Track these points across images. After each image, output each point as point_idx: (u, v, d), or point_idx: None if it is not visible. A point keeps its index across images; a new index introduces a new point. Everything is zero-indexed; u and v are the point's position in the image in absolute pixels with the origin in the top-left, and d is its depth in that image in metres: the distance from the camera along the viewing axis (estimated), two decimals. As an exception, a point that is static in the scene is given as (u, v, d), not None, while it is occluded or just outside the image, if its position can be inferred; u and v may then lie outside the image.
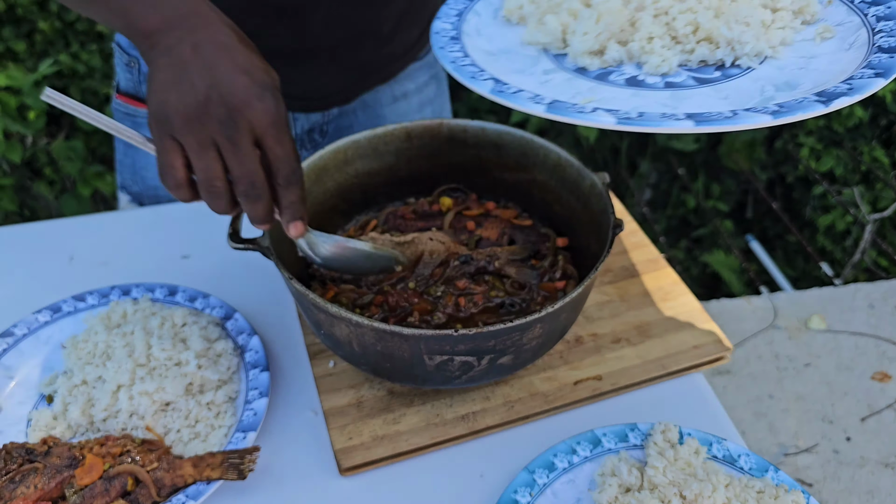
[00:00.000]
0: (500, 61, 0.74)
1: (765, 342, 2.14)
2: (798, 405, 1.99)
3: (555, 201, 0.96)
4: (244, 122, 0.62)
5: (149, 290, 0.99)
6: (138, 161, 1.22)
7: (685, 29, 0.69)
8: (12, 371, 0.91)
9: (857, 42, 0.70)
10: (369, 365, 0.79)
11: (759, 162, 3.04)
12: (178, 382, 0.85)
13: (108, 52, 2.64)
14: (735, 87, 0.66)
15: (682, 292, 0.99)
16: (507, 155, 0.97)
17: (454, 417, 0.85)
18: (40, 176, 2.67)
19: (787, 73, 0.68)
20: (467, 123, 0.97)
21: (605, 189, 0.86)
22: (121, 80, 1.19)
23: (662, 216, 3.17)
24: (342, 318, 0.73)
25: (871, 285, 2.29)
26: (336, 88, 1.16)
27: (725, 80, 0.68)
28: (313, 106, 1.17)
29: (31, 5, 2.48)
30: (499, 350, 0.75)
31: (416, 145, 0.98)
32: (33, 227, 1.14)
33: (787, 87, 0.66)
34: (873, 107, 2.80)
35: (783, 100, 0.63)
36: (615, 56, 0.71)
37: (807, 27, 0.73)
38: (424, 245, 0.91)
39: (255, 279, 1.03)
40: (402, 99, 1.27)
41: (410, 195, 1.03)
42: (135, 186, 1.25)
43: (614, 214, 0.82)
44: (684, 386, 0.91)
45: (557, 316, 0.76)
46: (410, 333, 0.71)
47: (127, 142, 1.19)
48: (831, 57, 0.69)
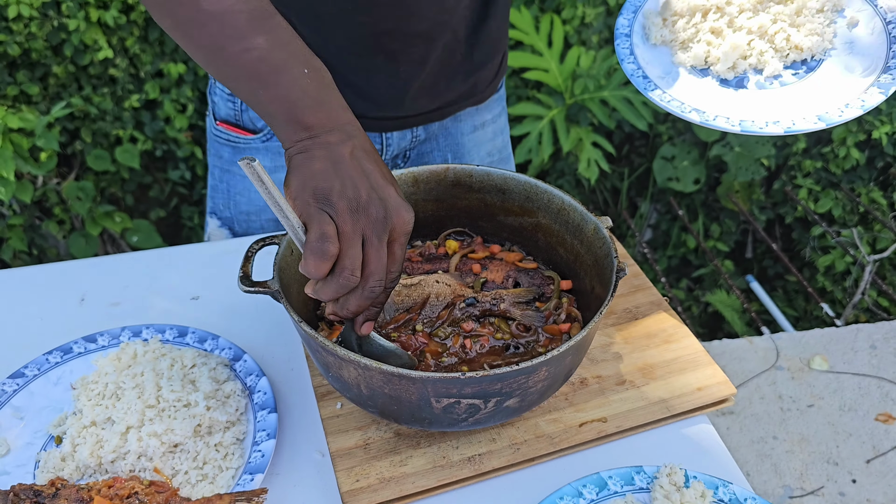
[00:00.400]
0: (672, 84, 1.01)
1: (767, 382, 2.14)
2: (802, 446, 1.98)
3: (559, 245, 0.98)
4: (391, 225, 0.71)
5: (159, 331, 1.00)
6: (233, 187, 1.27)
7: (782, 43, 1.00)
8: (21, 412, 0.92)
9: (876, 28, 0.99)
10: (377, 407, 0.80)
11: (758, 203, 3.08)
12: (187, 424, 0.86)
13: (120, 96, 2.69)
14: (821, 79, 0.97)
15: (684, 334, 1.00)
16: (512, 199, 0.99)
17: (460, 459, 0.86)
18: (50, 215, 2.70)
19: (844, 59, 0.98)
20: (473, 168, 0.99)
21: (609, 233, 0.88)
22: (219, 109, 1.25)
23: (663, 256, 3.19)
24: (350, 360, 0.74)
25: (872, 326, 2.30)
26: (428, 93, 1.19)
27: (810, 72, 0.99)
28: (409, 121, 1.20)
29: (46, 50, 2.54)
30: (505, 393, 0.76)
31: (423, 189, 1.01)
32: (45, 268, 1.16)
33: (849, 70, 0.97)
34: (870, 149, 2.84)
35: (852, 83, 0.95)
36: (742, 67, 1.01)
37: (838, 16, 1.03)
38: (431, 287, 0.93)
39: (264, 321, 1.04)
40: (481, 128, 1.32)
41: (417, 238, 1.05)
42: (227, 211, 1.30)
43: (618, 259, 0.84)
44: (689, 428, 0.92)
45: (563, 359, 0.77)
46: (418, 376, 0.72)
47: (223, 167, 1.26)
48: (865, 41, 0.99)
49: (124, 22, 2.58)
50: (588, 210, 0.92)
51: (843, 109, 0.92)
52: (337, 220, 0.69)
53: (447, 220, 1.04)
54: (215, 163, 1.29)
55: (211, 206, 1.33)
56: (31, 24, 2.47)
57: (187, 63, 2.71)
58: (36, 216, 2.66)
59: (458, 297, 0.93)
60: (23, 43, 2.49)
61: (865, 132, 2.75)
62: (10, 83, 2.54)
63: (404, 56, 1.10)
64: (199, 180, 2.95)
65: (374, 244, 0.70)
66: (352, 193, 0.69)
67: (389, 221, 0.71)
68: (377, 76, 1.12)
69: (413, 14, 1.06)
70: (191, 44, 0.77)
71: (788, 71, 0.99)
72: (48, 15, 2.49)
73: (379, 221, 0.70)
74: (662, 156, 3.00)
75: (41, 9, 2.47)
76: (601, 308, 0.79)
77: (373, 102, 1.15)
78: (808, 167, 2.89)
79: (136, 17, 2.61)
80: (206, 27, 0.73)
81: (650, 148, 3.20)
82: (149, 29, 2.67)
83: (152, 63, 2.69)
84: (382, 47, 1.09)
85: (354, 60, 1.10)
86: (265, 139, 1.22)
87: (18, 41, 2.48)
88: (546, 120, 2.71)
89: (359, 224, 0.69)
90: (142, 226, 2.70)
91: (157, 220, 2.96)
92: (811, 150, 2.92)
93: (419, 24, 1.08)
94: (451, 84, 1.21)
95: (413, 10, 1.06)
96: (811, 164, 2.89)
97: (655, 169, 3.00)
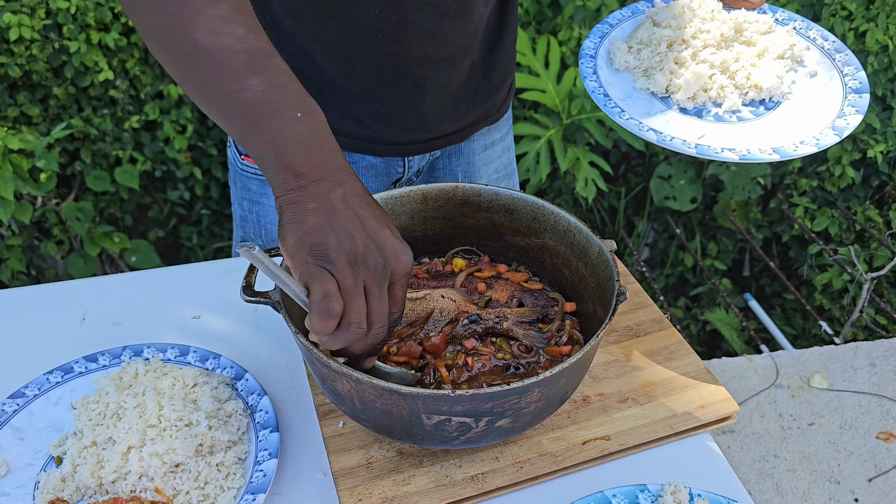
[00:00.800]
0: (633, 106, 1.03)
1: (768, 401, 2.14)
2: (804, 465, 1.98)
3: (564, 266, 0.98)
4: (390, 271, 0.71)
5: (160, 350, 1.00)
6: (264, 217, 1.27)
7: (742, 80, 1.04)
8: (22, 432, 0.92)
9: (833, 79, 1.05)
10: (370, 421, 0.81)
11: (754, 221, 3.09)
12: (189, 443, 0.85)
13: (120, 117, 2.71)
14: (778, 118, 1.02)
15: (686, 352, 1.00)
16: (519, 220, 1.00)
17: (463, 478, 0.85)
18: (48, 236, 2.70)
19: (801, 104, 1.03)
20: (481, 188, 1.00)
21: (612, 256, 0.88)
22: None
23: (661, 275, 3.20)
24: (343, 374, 0.74)
25: (871, 344, 2.30)
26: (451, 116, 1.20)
27: (768, 111, 1.03)
28: (431, 144, 1.21)
29: (47, 72, 2.56)
30: (497, 413, 0.76)
31: (432, 207, 1.01)
32: (46, 287, 1.16)
33: (805, 115, 1.00)
34: (865, 167, 2.86)
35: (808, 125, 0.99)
36: (702, 99, 1.04)
37: (798, 65, 1.08)
38: (436, 302, 0.93)
39: (265, 340, 1.04)
40: (491, 147, 1.33)
41: (425, 255, 1.05)
42: (258, 240, 1.30)
43: (619, 282, 0.84)
44: (692, 446, 0.91)
45: (556, 381, 0.77)
46: (408, 392, 0.72)
47: (251, 199, 1.26)
48: (822, 90, 1.05)
49: (125, 44, 2.60)
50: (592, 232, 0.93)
51: (798, 145, 0.96)
52: (338, 276, 0.69)
53: (455, 238, 1.04)
54: (243, 195, 1.28)
55: (241, 235, 1.33)
56: (32, 47, 2.49)
57: (187, 84, 2.72)
58: (34, 237, 2.66)
59: (462, 313, 0.93)
60: (24, 65, 2.50)
61: (860, 151, 2.77)
62: (10, 104, 2.55)
63: (430, 82, 1.12)
64: (197, 201, 2.96)
65: (376, 294, 0.71)
66: (349, 246, 0.69)
67: (389, 268, 0.71)
68: (402, 102, 1.13)
69: (439, 41, 1.08)
70: (185, 79, 0.76)
71: (747, 108, 1.03)
72: (49, 37, 2.51)
73: (378, 271, 0.70)
74: (659, 175, 3.02)
75: (43, 31, 2.50)
76: (598, 331, 0.79)
77: (398, 127, 1.16)
78: (804, 186, 2.91)
79: (136, 40, 2.63)
80: (200, 63, 0.72)
81: (647, 167, 3.22)
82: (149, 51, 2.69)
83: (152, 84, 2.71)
84: (410, 74, 1.10)
85: (381, 88, 1.11)
86: None
87: (20, 63, 2.49)
88: (544, 140, 2.73)
89: (360, 277, 0.70)
90: (140, 246, 2.70)
91: (155, 240, 2.97)
92: (807, 169, 2.94)
93: (444, 50, 1.10)
94: (473, 106, 1.23)
95: (440, 37, 1.07)
96: (807, 182, 2.91)
97: (652, 188, 3.02)
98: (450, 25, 1.07)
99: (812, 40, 1.11)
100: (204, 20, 0.70)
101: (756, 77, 1.03)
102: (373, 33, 1.04)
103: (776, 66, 1.05)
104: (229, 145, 1.30)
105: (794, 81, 1.06)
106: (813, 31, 1.12)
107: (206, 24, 0.70)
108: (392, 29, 1.04)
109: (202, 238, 2.99)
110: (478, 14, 1.10)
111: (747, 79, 1.04)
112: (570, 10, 2.78)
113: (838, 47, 1.09)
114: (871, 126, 2.70)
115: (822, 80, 1.06)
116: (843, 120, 0.99)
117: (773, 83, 1.03)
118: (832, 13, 2.65)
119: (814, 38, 1.12)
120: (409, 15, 1.03)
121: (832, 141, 0.95)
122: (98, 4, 2.54)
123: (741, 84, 1.04)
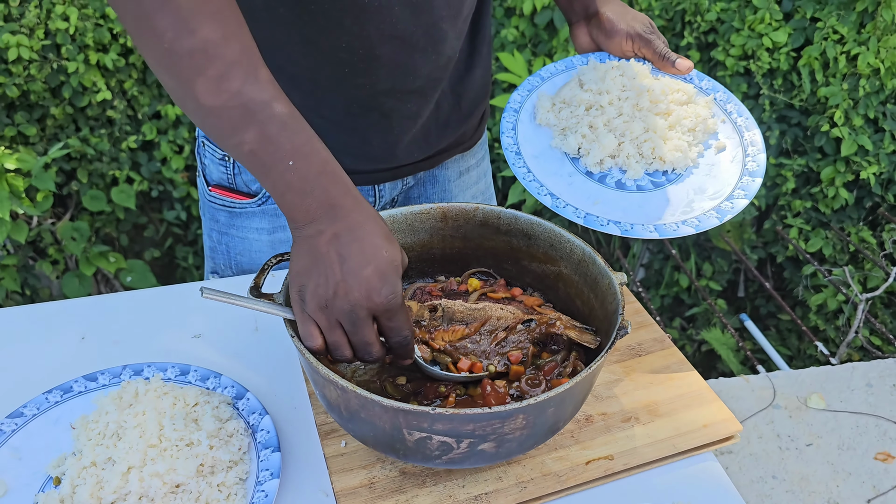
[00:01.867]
0: (542, 164, 1.08)
1: (765, 421, 2.14)
2: (802, 486, 1.97)
3: (577, 296, 0.98)
4: (362, 311, 0.76)
5: (161, 369, 0.99)
6: (233, 248, 1.27)
7: (648, 152, 1.08)
8: (20, 452, 0.90)
9: (736, 157, 1.09)
10: (357, 432, 0.81)
11: (749, 242, 3.11)
12: (190, 463, 0.84)
13: (117, 137, 2.71)
14: (673, 192, 1.06)
15: (688, 371, 1.01)
16: (537, 245, 1.00)
17: (466, 498, 0.85)
18: (43, 255, 2.69)
19: (700, 179, 1.08)
20: (501, 211, 1.00)
21: (621, 289, 0.88)
22: (212, 173, 1.23)
23: (656, 295, 3.21)
24: (330, 381, 0.75)
25: (867, 364, 2.31)
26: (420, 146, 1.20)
27: (668, 183, 1.07)
28: (400, 171, 1.21)
29: (45, 92, 2.57)
30: (478, 436, 0.75)
31: (451, 226, 1.01)
32: (45, 306, 1.15)
33: (700, 191, 1.06)
34: (858, 189, 2.89)
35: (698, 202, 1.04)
36: (608, 165, 1.09)
37: (710, 137, 1.13)
38: (493, 311, 0.93)
39: (266, 360, 1.04)
40: (466, 173, 1.34)
41: (441, 273, 1.05)
42: (228, 271, 1.30)
43: (623, 316, 0.84)
44: (695, 465, 0.91)
45: (543, 409, 0.76)
46: (388, 405, 0.73)
47: (220, 230, 1.27)
48: (724, 167, 1.09)
49: (123, 65, 2.62)
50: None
51: (679, 225, 1.01)
52: (313, 317, 0.77)
53: (473, 259, 1.05)
54: (212, 226, 1.28)
55: (212, 266, 1.32)
56: (30, 67, 2.50)
57: (185, 105, 2.74)
58: (29, 256, 2.65)
59: (518, 319, 0.93)
60: (22, 85, 2.51)
61: (853, 173, 2.80)
62: (8, 124, 2.55)
63: (398, 113, 1.12)
64: (193, 220, 2.95)
65: (350, 329, 0.77)
66: (322, 291, 0.75)
67: (358, 309, 0.75)
68: (370, 132, 1.13)
69: (409, 73, 1.08)
70: (203, 131, 0.82)
71: (649, 177, 1.08)
72: (48, 57, 2.53)
73: (345, 313, 0.76)
74: (654, 196, 3.03)
75: (41, 51, 2.51)
76: (591, 364, 0.79)
77: (366, 158, 1.16)
78: (798, 207, 2.94)
79: (134, 60, 2.64)
80: (206, 120, 0.77)
81: (642, 188, 3.24)
82: (147, 72, 2.71)
83: (150, 105, 2.72)
84: (378, 106, 1.10)
85: (349, 120, 1.11)
86: (261, 202, 1.21)
87: (17, 83, 2.50)
88: (540, 161, 2.74)
89: (332, 317, 0.76)
90: (136, 266, 2.70)
91: (151, 260, 2.96)
92: (800, 191, 2.97)
93: (414, 83, 1.10)
94: (443, 134, 1.23)
95: (409, 69, 1.07)
96: (801, 203, 2.93)
97: (648, 209, 3.03)
98: (420, 59, 1.07)
99: (728, 113, 1.15)
100: (203, 81, 0.74)
101: (660, 151, 1.07)
102: (340, 66, 1.04)
103: (683, 139, 1.09)
104: (198, 174, 1.29)
105: (702, 154, 1.10)
106: (731, 104, 1.16)
107: (204, 84, 0.74)
108: (360, 62, 1.04)
109: (197, 258, 2.98)
110: (449, 47, 1.10)
111: (652, 151, 1.08)
112: (566, 33, 2.82)
113: (749, 125, 1.13)
114: (864, 148, 2.74)
115: (727, 156, 1.10)
116: (729, 203, 1.03)
117: (676, 158, 1.07)
118: (824, 36, 2.69)
119: (730, 111, 1.15)
120: (377, 48, 1.03)
121: (713, 224, 1.00)
122: (97, 25, 2.56)
123: (646, 154, 1.08)
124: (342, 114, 1.10)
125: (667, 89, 1.13)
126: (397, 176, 1.22)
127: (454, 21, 1.09)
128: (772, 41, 2.74)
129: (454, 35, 1.10)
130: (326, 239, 0.76)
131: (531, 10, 2.85)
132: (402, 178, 1.24)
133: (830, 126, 2.76)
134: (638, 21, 1.17)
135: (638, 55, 1.18)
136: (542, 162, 1.08)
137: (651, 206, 1.04)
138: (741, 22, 2.80)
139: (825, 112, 2.79)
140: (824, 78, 2.75)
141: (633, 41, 1.16)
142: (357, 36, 1.01)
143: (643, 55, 1.17)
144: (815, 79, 2.76)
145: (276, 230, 1.23)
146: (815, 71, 2.74)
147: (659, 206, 1.04)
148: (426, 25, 1.04)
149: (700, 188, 1.06)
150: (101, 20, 2.56)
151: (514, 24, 2.94)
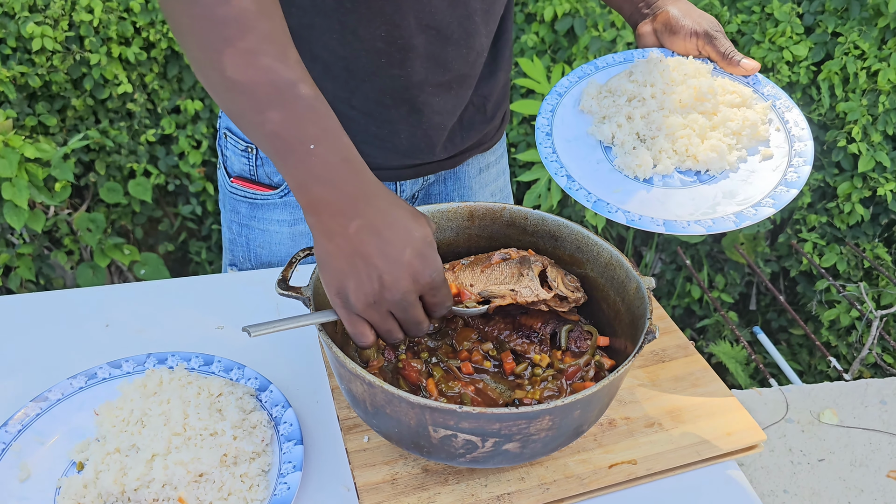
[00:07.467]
0: (572, 147, 1.06)
1: (777, 435, 2.12)
2: (814, 501, 1.95)
3: (602, 300, 0.97)
4: (412, 295, 0.76)
5: (184, 359, 0.99)
6: (253, 241, 1.27)
7: (682, 149, 1.03)
8: (44, 436, 0.91)
9: (779, 167, 1.02)
10: (381, 427, 0.81)
11: (762, 255, 3.10)
12: (214, 453, 0.84)
13: (136, 130, 2.72)
14: (701, 192, 1.01)
15: (712, 379, 1.00)
16: (563, 247, 0.99)
17: (488, 498, 0.84)
18: (59, 245, 2.70)
19: (735, 183, 1.01)
20: (528, 212, 1.00)
21: (649, 294, 0.87)
22: (233, 165, 1.23)
23: (667, 306, 3.20)
24: (357, 375, 0.75)
25: (881, 381, 2.29)
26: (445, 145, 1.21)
27: (699, 184, 1.02)
28: (423, 169, 1.22)
29: (66, 83, 2.58)
30: (504, 435, 0.75)
31: (478, 225, 1.01)
32: (69, 293, 1.15)
33: (730, 195, 1.00)
34: (875, 205, 2.87)
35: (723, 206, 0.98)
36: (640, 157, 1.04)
37: (759, 144, 1.06)
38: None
39: (289, 353, 1.04)
40: (486, 170, 1.34)
41: None
42: (247, 264, 1.29)
43: (651, 320, 0.84)
44: (717, 473, 0.91)
45: (569, 411, 0.76)
46: (416, 401, 0.73)
47: (241, 221, 1.26)
48: (763, 175, 1.02)
49: (145, 58, 2.63)
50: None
51: (690, 224, 0.96)
52: (363, 316, 0.76)
53: None
54: (232, 217, 1.28)
55: (230, 258, 1.32)
56: (53, 58, 2.51)
57: (204, 100, 2.75)
58: (45, 246, 2.66)
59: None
60: (44, 75, 2.53)
61: (870, 189, 2.79)
62: (29, 114, 2.57)
63: (428, 107, 1.13)
64: (209, 216, 2.96)
65: (402, 317, 0.77)
66: (367, 289, 0.74)
67: (407, 296, 0.75)
68: (399, 126, 1.14)
69: (441, 66, 1.09)
70: (224, 108, 0.79)
71: (680, 175, 1.03)
72: (71, 49, 2.54)
73: (397, 303, 0.75)
74: (669, 206, 3.02)
75: (64, 43, 2.52)
76: (619, 367, 0.79)
77: (392, 152, 1.17)
78: (813, 221, 2.92)
79: (156, 54, 2.66)
80: (231, 95, 0.75)
81: (656, 198, 3.23)
82: (168, 66, 2.72)
83: (170, 99, 2.73)
84: (410, 98, 1.11)
85: (379, 111, 1.11)
86: (283, 194, 1.22)
87: (40, 73, 2.52)
88: (556, 167, 2.74)
89: (383, 309, 0.76)
90: (150, 259, 2.70)
91: (164, 253, 2.97)
92: (816, 206, 2.96)
93: (445, 75, 1.11)
94: (467, 135, 1.24)
95: (441, 61, 1.09)
96: (816, 218, 2.92)
97: (662, 218, 3.02)
98: (452, 51, 1.08)
99: (785, 122, 1.08)
100: (232, 53, 0.72)
101: (694, 149, 1.03)
102: (377, 56, 1.04)
103: (722, 141, 1.03)
104: (219, 167, 1.29)
105: (745, 160, 1.03)
106: (792, 112, 1.09)
107: (233, 56, 0.72)
108: (396, 52, 1.04)
109: (211, 253, 2.99)
110: (479, 43, 1.11)
111: (686, 149, 1.03)
112: (586, 41, 2.82)
113: (803, 136, 1.05)
114: (882, 165, 2.72)
115: (771, 164, 1.03)
116: (753, 209, 0.97)
117: (710, 158, 1.01)
118: (845, 52, 2.69)
119: (787, 119, 1.08)
120: (414, 38, 1.03)
121: (728, 227, 0.95)
122: (121, 18, 2.58)
123: (679, 151, 1.03)
124: (373, 104, 1.10)
125: (719, 89, 1.08)
126: (420, 174, 1.23)
127: (486, 16, 1.10)
128: (792, 55, 2.74)
129: (485, 32, 1.11)
130: (355, 232, 0.74)
131: (552, 16, 2.86)
132: (423, 176, 1.25)
133: (848, 141, 2.75)
134: (704, 19, 1.13)
135: (702, 53, 1.13)
136: (574, 146, 1.06)
137: (672, 203, 0.99)
138: (762, 34, 2.80)
139: (843, 127, 2.78)
140: (844, 93, 2.74)
141: (698, 38, 1.11)
142: (396, 25, 1.01)
143: (707, 53, 1.13)
144: (835, 93, 2.75)
145: (296, 222, 1.24)
146: (835, 86, 2.73)
147: (681, 203, 0.99)
148: (461, 17, 1.06)
149: (731, 192, 1.00)
150: (124, 13, 2.57)
151: (534, 29, 2.94)
